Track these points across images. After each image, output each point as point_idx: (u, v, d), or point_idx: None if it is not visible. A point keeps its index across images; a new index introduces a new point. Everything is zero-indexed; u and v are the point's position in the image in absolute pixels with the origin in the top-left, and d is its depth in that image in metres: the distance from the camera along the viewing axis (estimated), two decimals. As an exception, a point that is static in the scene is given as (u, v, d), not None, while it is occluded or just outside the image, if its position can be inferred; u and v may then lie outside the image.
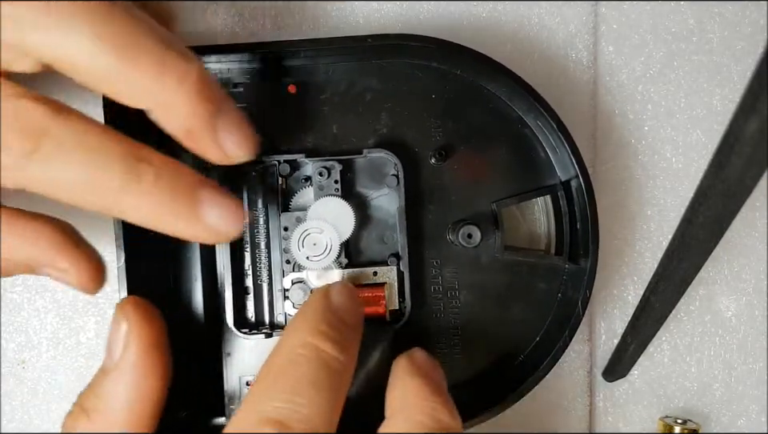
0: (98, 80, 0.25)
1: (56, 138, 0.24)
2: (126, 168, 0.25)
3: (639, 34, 0.37)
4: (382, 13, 0.36)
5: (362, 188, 0.34)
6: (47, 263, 0.28)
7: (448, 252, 0.34)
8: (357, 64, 0.33)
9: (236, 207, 0.26)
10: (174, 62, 0.25)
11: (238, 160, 0.27)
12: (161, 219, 0.25)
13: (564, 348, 0.32)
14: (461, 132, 0.34)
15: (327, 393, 0.25)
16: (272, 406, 0.25)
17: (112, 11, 0.24)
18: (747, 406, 0.38)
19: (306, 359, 0.26)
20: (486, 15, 0.36)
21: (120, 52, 0.24)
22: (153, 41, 0.24)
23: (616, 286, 0.37)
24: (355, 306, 0.29)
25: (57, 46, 0.24)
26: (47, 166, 0.24)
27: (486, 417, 0.32)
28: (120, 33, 0.24)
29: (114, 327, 0.27)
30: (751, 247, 0.38)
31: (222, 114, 0.26)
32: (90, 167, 0.24)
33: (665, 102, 0.37)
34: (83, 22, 0.24)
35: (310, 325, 0.27)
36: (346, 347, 0.27)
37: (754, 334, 0.38)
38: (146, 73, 0.24)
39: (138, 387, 0.26)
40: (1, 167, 0.24)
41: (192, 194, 0.25)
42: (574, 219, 0.34)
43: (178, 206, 0.25)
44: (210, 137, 0.26)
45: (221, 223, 0.26)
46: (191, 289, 0.33)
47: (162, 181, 0.25)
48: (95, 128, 0.25)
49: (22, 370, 0.37)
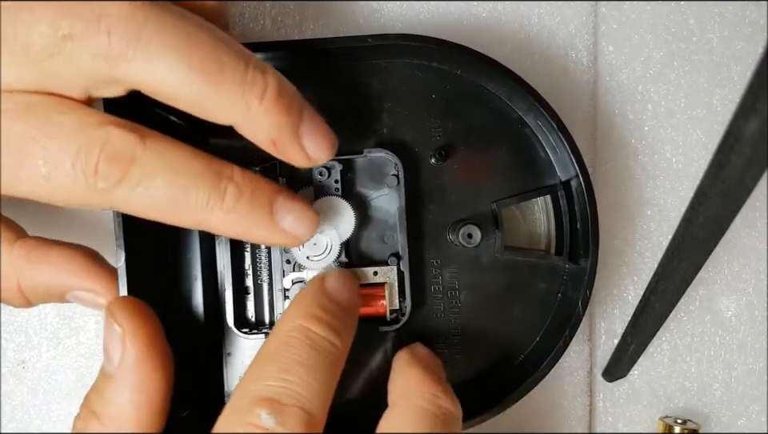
0: (185, 103, 0.25)
1: (143, 165, 0.25)
2: (210, 188, 0.26)
3: (639, 34, 0.37)
4: (382, 13, 0.36)
5: (362, 188, 0.34)
6: (76, 286, 0.29)
7: (448, 252, 0.34)
8: (357, 64, 0.33)
9: (309, 212, 0.28)
10: (254, 78, 0.25)
11: (322, 162, 0.28)
12: (243, 229, 0.27)
13: (564, 348, 0.32)
14: (461, 132, 0.34)
15: (319, 374, 0.26)
16: (264, 385, 0.26)
17: (199, 36, 0.25)
18: (747, 406, 0.38)
19: (297, 342, 0.27)
20: (485, 15, 0.36)
21: (206, 76, 0.25)
22: (234, 60, 0.25)
23: (616, 286, 0.37)
24: (350, 291, 0.29)
25: (146, 75, 0.25)
26: (135, 190, 0.25)
27: (486, 417, 0.32)
28: (206, 58, 0.25)
29: (108, 330, 0.27)
30: (751, 247, 0.38)
31: (304, 121, 0.27)
32: (176, 190, 0.25)
33: (665, 102, 0.37)
34: (172, 50, 0.24)
35: (303, 309, 0.28)
36: (339, 331, 0.28)
37: (754, 334, 0.38)
38: (230, 93, 0.25)
39: (143, 388, 0.26)
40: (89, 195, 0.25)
41: (270, 204, 0.27)
42: (574, 219, 0.34)
43: (258, 217, 0.27)
44: (294, 145, 0.27)
45: (297, 227, 0.27)
46: (191, 289, 0.33)
47: (244, 196, 0.26)
48: (180, 150, 0.26)
49: (22, 370, 0.37)
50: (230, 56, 0.25)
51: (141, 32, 0.24)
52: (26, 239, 0.30)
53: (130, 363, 0.26)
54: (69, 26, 0.24)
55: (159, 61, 0.24)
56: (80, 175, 0.25)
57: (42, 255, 0.29)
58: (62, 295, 0.30)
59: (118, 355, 0.27)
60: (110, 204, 0.26)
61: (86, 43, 0.24)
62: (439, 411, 0.27)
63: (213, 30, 0.26)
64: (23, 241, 0.29)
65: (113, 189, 0.25)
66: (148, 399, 0.26)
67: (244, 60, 0.25)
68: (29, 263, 0.29)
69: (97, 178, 0.25)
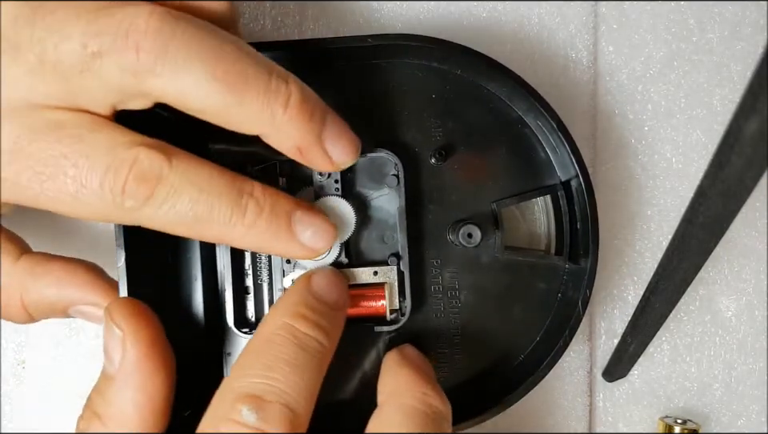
0: (211, 114, 0.26)
1: (170, 184, 0.25)
2: (232, 204, 0.26)
3: (639, 34, 0.37)
4: (382, 13, 0.36)
5: (362, 188, 0.34)
6: (80, 301, 0.30)
7: (448, 252, 0.34)
8: (357, 64, 0.33)
9: (327, 225, 0.28)
10: (277, 87, 0.26)
11: (346, 166, 0.29)
12: (263, 243, 0.27)
13: (564, 348, 0.32)
14: (461, 132, 0.34)
15: (303, 372, 0.26)
16: (247, 382, 0.26)
17: (223, 48, 0.25)
18: (747, 406, 0.38)
19: (282, 339, 0.27)
20: (486, 15, 0.36)
21: (231, 87, 0.25)
22: (257, 71, 0.26)
23: (616, 286, 0.37)
24: (338, 289, 0.30)
25: (173, 88, 0.25)
26: (161, 208, 0.26)
27: (486, 417, 0.32)
28: (230, 69, 0.25)
29: (108, 332, 0.27)
30: (751, 247, 0.38)
31: (327, 126, 0.27)
32: (200, 207, 0.26)
33: (665, 102, 0.37)
34: (199, 63, 0.25)
35: (288, 308, 0.28)
36: (325, 330, 0.28)
37: (754, 334, 0.38)
38: (255, 103, 0.26)
39: (144, 389, 0.27)
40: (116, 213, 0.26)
41: (289, 219, 0.27)
42: (574, 219, 0.34)
43: (278, 231, 0.27)
44: (319, 151, 0.27)
45: (315, 241, 0.28)
46: (191, 289, 0.33)
47: (264, 212, 0.27)
48: (204, 168, 0.26)
49: (22, 370, 0.37)
50: (254, 67, 0.26)
51: (168, 46, 0.24)
52: (30, 254, 0.30)
53: (131, 365, 0.27)
54: (98, 44, 0.24)
55: (186, 73, 0.25)
56: (108, 194, 0.25)
57: (47, 269, 0.29)
58: (65, 310, 0.30)
59: (118, 356, 0.27)
60: (136, 221, 0.26)
61: (114, 59, 0.24)
62: (429, 409, 0.28)
63: (236, 42, 0.26)
64: (27, 256, 0.30)
65: (140, 208, 0.25)
66: (150, 399, 0.27)
67: (267, 70, 0.26)
68: (32, 278, 0.29)
69: (124, 198, 0.25)
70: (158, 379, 0.27)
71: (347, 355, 0.32)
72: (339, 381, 0.33)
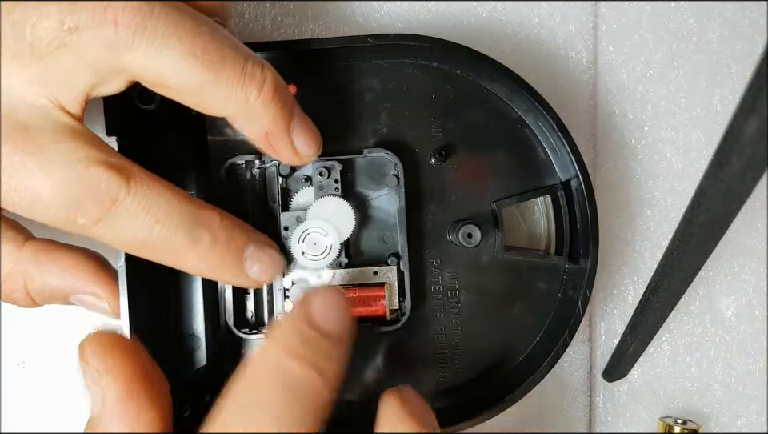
0: (186, 94, 0.26)
1: (125, 208, 0.25)
2: (186, 237, 0.26)
3: (639, 34, 0.37)
4: (382, 13, 0.36)
5: (361, 188, 0.34)
6: (81, 290, 0.30)
7: (448, 252, 0.34)
8: (357, 64, 0.33)
9: (274, 261, 0.29)
10: (253, 71, 0.26)
11: (309, 160, 0.29)
12: (211, 273, 0.28)
13: (564, 348, 0.32)
14: (461, 132, 0.34)
15: (290, 423, 0.24)
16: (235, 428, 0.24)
17: (201, 29, 0.25)
18: (747, 406, 0.38)
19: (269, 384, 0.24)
20: (485, 15, 0.36)
21: (208, 65, 0.25)
22: (234, 53, 0.26)
23: (616, 286, 0.37)
24: (339, 315, 0.26)
25: (150, 63, 0.25)
26: (111, 229, 0.26)
27: (486, 417, 0.32)
28: (208, 48, 0.25)
29: (86, 373, 0.26)
30: (751, 247, 0.38)
31: (295, 117, 0.28)
32: (152, 236, 0.26)
33: (665, 102, 0.37)
34: (176, 39, 0.25)
35: (280, 341, 0.25)
36: (321, 368, 0.25)
37: (754, 334, 0.38)
38: (230, 82, 0.26)
39: (138, 423, 0.25)
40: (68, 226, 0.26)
41: (241, 255, 0.28)
42: (574, 219, 0.33)
43: (228, 264, 0.28)
44: (286, 139, 0.28)
45: (261, 275, 0.28)
46: (191, 289, 0.33)
47: (217, 245, 0.27)
48: (163, 193, 0.26)
49: (22, 370, 0.37)
50: (232, 49, 0.26)
51: (147, 21, 0.24)
52: (35, 241, 0.30)
53: (115, 404, 0.25)
54: (75, 20, 0.24)
55: (165, 47, 0.25)
56: (60, 210, 0.25)
57: (51, 258, 0.29)
58: (67, 298, 0.30)
59: (99, 397, 0.25)
60: (88, 236, 0.26)
61: (91, 34, 0.24)
62: None
63: (213, 25, 0.26)
64: (32, 242, 0.29)
65: (91, 226, 0.25)
66: (145, 427, 0.25)
67: (243, 55, 0.26)
68: (37, 265, 0.29)
69: (77, 215, 0.25)
70: (147, 416, 0.25)
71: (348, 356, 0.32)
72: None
